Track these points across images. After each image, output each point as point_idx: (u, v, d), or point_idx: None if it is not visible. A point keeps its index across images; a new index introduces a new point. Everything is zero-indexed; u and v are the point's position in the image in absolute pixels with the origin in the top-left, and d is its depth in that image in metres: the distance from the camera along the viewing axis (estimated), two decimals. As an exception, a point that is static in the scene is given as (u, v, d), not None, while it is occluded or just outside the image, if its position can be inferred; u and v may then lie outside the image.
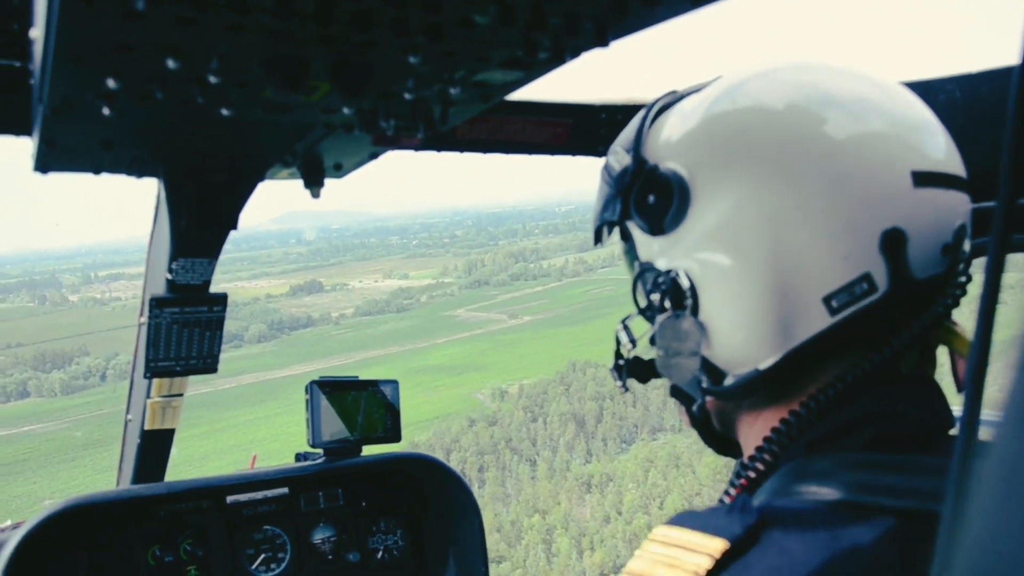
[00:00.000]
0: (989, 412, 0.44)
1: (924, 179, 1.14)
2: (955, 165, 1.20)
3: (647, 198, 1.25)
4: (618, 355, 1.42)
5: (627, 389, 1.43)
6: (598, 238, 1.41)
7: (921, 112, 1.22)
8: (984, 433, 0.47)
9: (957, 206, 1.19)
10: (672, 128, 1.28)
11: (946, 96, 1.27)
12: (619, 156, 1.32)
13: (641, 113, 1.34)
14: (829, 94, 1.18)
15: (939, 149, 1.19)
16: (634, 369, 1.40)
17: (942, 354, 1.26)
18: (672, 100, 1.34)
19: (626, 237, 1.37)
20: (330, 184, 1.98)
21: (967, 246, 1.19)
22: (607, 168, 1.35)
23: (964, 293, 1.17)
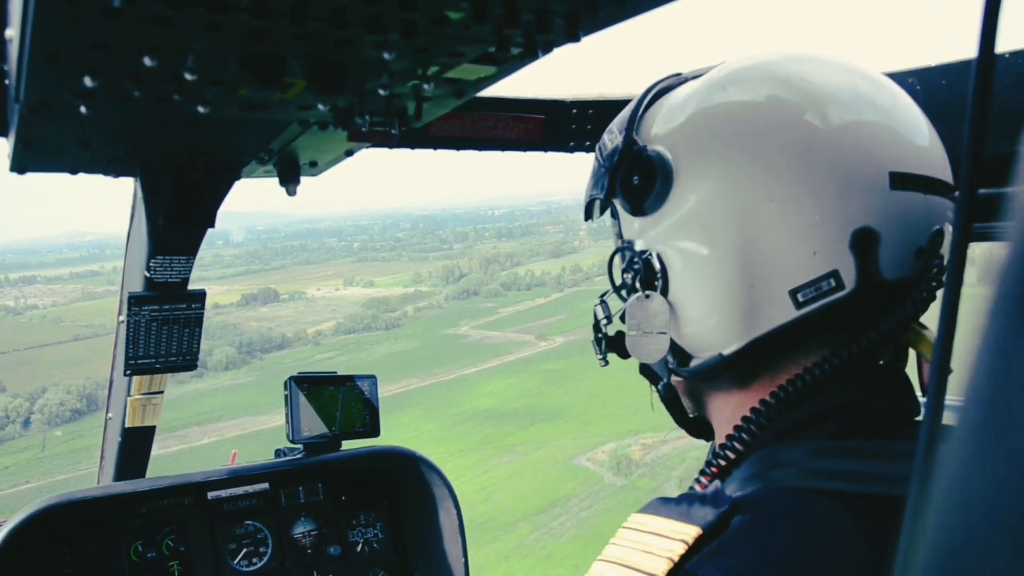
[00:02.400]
0: (953, 399, 0.44)
1: (902, 181, 1.15)
2: (938, 169, 1.21)
3: (632, 179, 1.28)
4: (597, 329, 1.46)
5: (607, 363, 1.46)
6: (588, 214, 1.44)
7: (910, 113, 1.23)
8: (948, 419, 0.46)
9: (936, 210, 1.20)
10: (664, 113, 1.31)
11: (906, 89, 1.31)
12: (613, 136, 1.35)
13: (639, 95, 1.37)
14: (817, 89, 1.19)
15: (922, 152, 1.20)
16: (613, 344, 1.43)
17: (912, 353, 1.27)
18: (671, 84, 1.37)
19: (615, 215, 1.41)
20: (248, 184, 2.01)
21: (945, 250, 1.19)
22: (600, 146, 1.38)
23: (933, 297, 1.18)
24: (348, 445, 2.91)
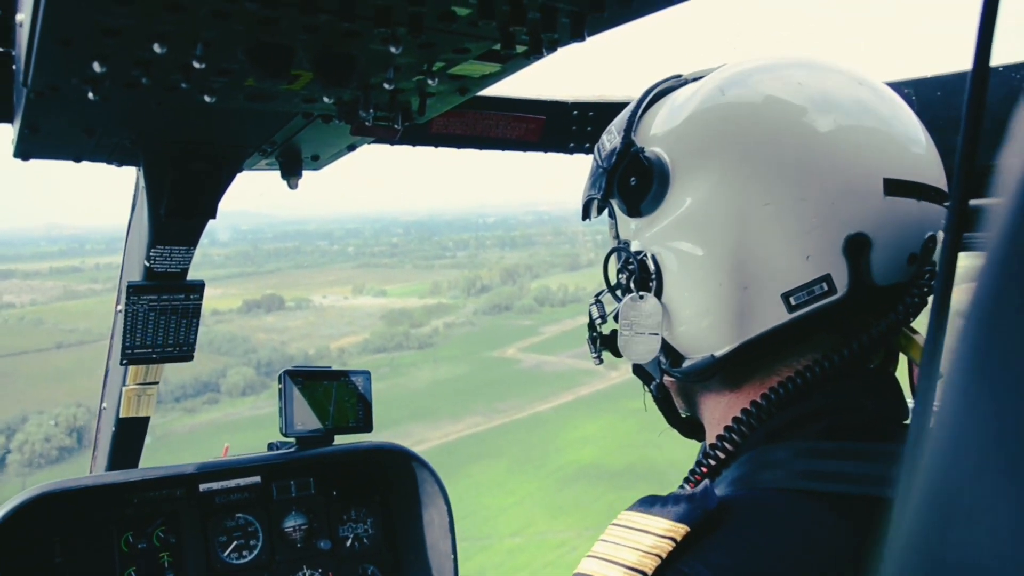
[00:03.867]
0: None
1: (896, 187, 1.17)
2: (933, 176, 1.22)
3: (629, 180, 1.29)
4: (591, 328, 1.47)
5: (602, 361, 1.47)
6: (586, 214, 1.45)
7: (906, 120, 1.24)
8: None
9: (930, 217, 1.21)
10: (663, 115, 1.32)
11: (901, 99, 1.33)
12: (612, 136, 1.36)
13: (639, 96, 1.38)
14: (815, 95, 1.20)
15: (917, 159, 1.21)
16: (608, 342, 1.44)
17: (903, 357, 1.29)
18: (671, 86, 1.38)
19: (612, 215, 1.42)
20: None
21: (938, 257, 1.20)
22: (599, 146, 1.39)
23: (924, 303, 1.19)
24: (340, 440, 2.92)
